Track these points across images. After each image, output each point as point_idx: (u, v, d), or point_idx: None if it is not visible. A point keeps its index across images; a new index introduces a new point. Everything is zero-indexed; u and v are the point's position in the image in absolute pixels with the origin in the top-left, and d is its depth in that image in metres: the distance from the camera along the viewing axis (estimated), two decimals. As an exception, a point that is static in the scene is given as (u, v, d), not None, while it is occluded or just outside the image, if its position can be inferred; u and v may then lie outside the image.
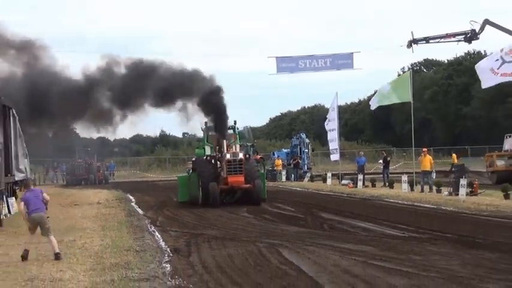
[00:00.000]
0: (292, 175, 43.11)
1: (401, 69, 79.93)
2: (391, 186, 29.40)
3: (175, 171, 54.23)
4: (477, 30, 37.23)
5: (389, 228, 15.52)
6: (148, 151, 77.81)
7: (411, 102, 28.79)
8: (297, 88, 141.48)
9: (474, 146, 60.20)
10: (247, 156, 24.36)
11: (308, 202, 24.31)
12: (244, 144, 27.86)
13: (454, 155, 45.34)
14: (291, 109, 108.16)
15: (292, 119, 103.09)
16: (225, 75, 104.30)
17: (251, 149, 28.44)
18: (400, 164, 54.27)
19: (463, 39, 38.41)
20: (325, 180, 36.13)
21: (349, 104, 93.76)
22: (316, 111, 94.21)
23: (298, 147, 45.32)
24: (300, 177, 42.40)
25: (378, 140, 76.40)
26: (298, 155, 44.49)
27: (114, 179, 55.54)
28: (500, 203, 20.10)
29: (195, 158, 26.15)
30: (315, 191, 31.84)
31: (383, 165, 33.68)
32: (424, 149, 28.01)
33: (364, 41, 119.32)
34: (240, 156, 23.35)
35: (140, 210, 23.00)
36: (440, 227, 15.05)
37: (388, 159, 34.38)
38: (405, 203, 22.87)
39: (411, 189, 26.80)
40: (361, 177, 32.09)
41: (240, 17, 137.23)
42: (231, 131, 25.66)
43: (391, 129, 78.29)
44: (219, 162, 23.95)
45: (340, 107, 42.61)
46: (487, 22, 36.62)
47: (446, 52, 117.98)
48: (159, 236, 15.07)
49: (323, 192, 30.75)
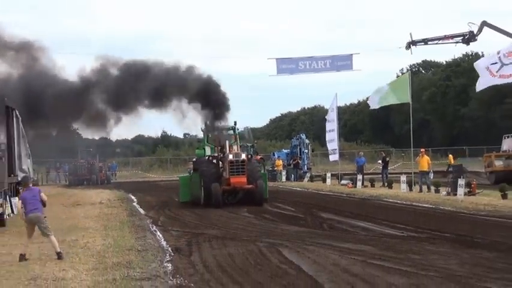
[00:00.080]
0: (292, 175, 43.11)
1: (400, 71, 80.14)
2: (390, 186, 29.39)
3: (177, 172, 54.25)
4: (475, 32, 37.22)
5: (388, 227, 15.52)
6: (149, 151, 77.81)
7: (410, 103, 28.82)
8: (296, 89, 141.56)
9: (472, 146, 60.26)
10: (250, 157, 24.24)
11: (308, 202, 24.30)
12: (244, 145, 27.88)
13: (450, 156, 45.38)
14: (291, 110, 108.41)
15: (292, 120, 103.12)
16: (226, 76, 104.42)
17: (251, 149, 28.43)
18: (399, 164, 54.25)
19: (461, 41, 38.40)
20: (324, 180, 36.14)
21: (349, 105, 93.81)
22: (316, 112, 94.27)
23: (298, 147, 45.30)
24: (299, 178, 42.39)
25: (377, 140, 76.41)
26: (298, 156, 44.47)
27: (116, 179, 55.51)
28: (498, 202, 20.09)
29: (196, 158, 26.15)
30: (315, 191, 31.83)
31: (382, 165, 33.68)
32: (422, 150, 28.00)
33: (364, 42, 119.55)
34: (243, 157, 23.16)
35: (142, 210, 23.00)
36: (439, 227, 15.05)
37: (387, 159, 34.36)
38: (404, 202, 22.86)
39: (410, 189, 26.79)
40: (360, 177, 32.10)
41: (240, 19, 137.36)
42: (231, 132, 25.65)
43: (390, 130, 78.29)
44: (221, 162, 23.78)
45: (339, 108, 42.63)
46: (484, 24, 36.62)
47: (445, 54, 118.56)
48: (161, 235, 15.07)
49: (323, 192, 30.75)
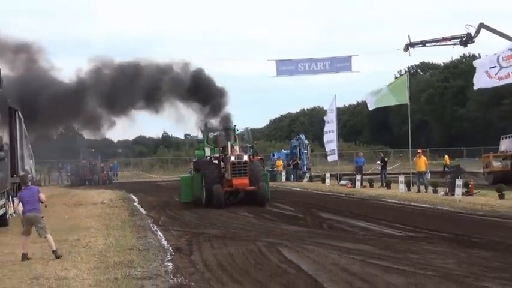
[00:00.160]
0: (292, 175, 43.10)
1: (398, 72, 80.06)
2: (389, 187, 29.38)
3: (178, 172, 54.27)
4: (473, 34, 37.15)
5: (386, 227, 15.52)
6: (151, 152, 77.81)
7: (408, 104, 28.82)
8: (296, 90, 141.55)
9: (470, 147, 60.26)
10: (251, 158, 24.08)
11: (307, 202, 24.30)
12: (244, 146, 27.84)
13: (446, 156, 45.47)
14: (291, 111, 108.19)
15: (292, 121, 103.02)
16: (226, 77, 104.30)
17: (251, 150, 28.39)
18: (397, 164, 54.23)
19: (458, 43, 38.34)
20: (324, 180, 36.13)
21: (348, 106, 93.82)
22: (315, 113, 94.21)
23: (298, 148, 45.27)
24: (299, 178, 42.37)
25: (376, 141, 76.38)
26: (298, 156, 44.46)
27: (117, 180, 55.52)
28: (495, 202, 20.10)
29: (196, 159, 26.09)
30: (314, 191, 31.82)
31: (381, 165, 33.72)
32: (419, 151, 27.99)
33: (362, 44, 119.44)
34: (245, 158, 22.99)
35: (143, 210, 22.99)
36: (437, 227, 15.05)
37: (385, 159, 34.41)
38: (402, 203, 22.86)
39: (408, 190, 26.78)
40: (359, 177, 32.11)
41: (241, 21, 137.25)
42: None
43: (389, 131, 78.24)
44: (222, 163, 23.62)
45: (338, 109, 42.63)
46: (482, 26, 36.57)
47: (442, 55, 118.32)
48: (162, 235, 15.08)
49: (322, 192, 30.74)
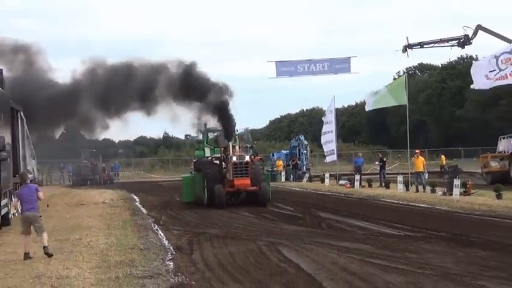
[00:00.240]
0: (291, 176, 43.11)
1: (397, 73, 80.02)
2: (387, 187, 29.36)
3: (178, 172, 54.24)
4: (470, 36, 37.18)
5: (385, 227, 15.52)
6: (151, 152, 77.82)
7: (406, 104, 28.80)
8: (295, 91, 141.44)
9: (467, 147, 60.27)
10: (253, 158, 23.89)
11: (307, 202, 24.30)
12: (244, 146, 27.81)
13: (442, 156, 45.48)
14: (290, 112, 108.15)
15: (291, 121, 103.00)
16: (227, 78, 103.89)
17: (250, 150, 28.37)
18: (396, 165, 54.24)
19: (456, 44, 38.38)
20: (323, 180, 36.12)
21: (346, 106, 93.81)
22: (315, 113, 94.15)
23: (297, 148, 45.26)
24: (298, 178, 42.36)
25: (374, 141, 76.37)
26: (297, 156, 44.45)
27: (118, 180, 55.50)
28: (493, 202, 20.08)
29: (196, 159, 26.02)
30: (314, 191, 31.82)
31: (380, 165, 33.74)
32: (417, 151, 27.99)
33: (361, 45, 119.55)
34: (247, 158, 22.79)
35: (144, 210, 22.98)
36: (435, 226, 15.05)
37: (384, 159, 34.43)
38: (401, 202, 22.87)
39: (406, 190, 26.78)
40: (358, 177, 32.10)
41: (241, 23, 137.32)
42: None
43: (387, 131, 78.22)
44: (224, 163, 23.40)
45: (337, 110, 42.61)
46: (479, 27, 36.60)
47: (440, 56, 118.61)
48: (163, 234, 15.09)
49: (321, 192, 30.73)
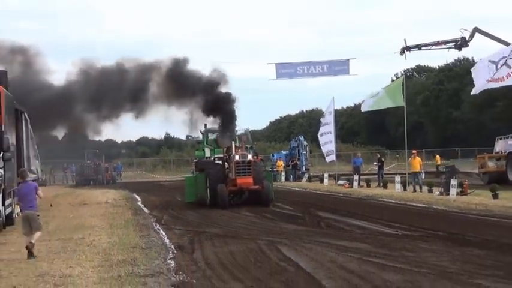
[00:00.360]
0: (291, 176, 43.11)
1: (394, 75, 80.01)
2: (385, 187, 29.34)
3: (180, 172, 54.33)
4: (467, 38, 37.25)
5: (383, 226, 15.51)
6: (153, 153, 77.90)
7: (404, 106, 28.80)
8: (295, 93, 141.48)
9: (464, 148, 60.29)
10: (255, 158, 23.73)
11: (306, 201, 24.29)
12: (244, 147, 27.75)
13: (437, 157, 45.51)
14: (290, 113, 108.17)
15: (291, 122, 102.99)
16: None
17: (250, 151, 28.32)
18: (394, 165, 54.18)
19: (453, 47, 38.45)
20: (322, 180, 36.11)
21: (345, 108, 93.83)
22: (314, 115, 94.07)
23: (297, 149, 45.26)
24: (298, 178, 42.36)
25: (373, 142, 76.35)
26: (297, 157, 44.45)
27: (121, 180, 55.53)
28: (489, 202, 20.06)
29: (197, 159, 25.97)
30: (313, 191, 31.82)
31: (378, 165, 33.75)
32: (414, 151, 27.96)
33: (360, 47, 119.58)
34: (249, 157, 22.55)
35: (146, 209, 22.97)
36: (432, 225, 15.04)
37: (382, 160, 34.44)
38: (398, 202, 22.86)
39: (404, 189, 26.74)
40: (356, 177, 32.10)
41: (242, 25, 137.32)
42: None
43: (385, 132, 78.22)
44: (226, 163, 23.22)
45: (336, 111, 42.68)
46: (476, 30, 36.63)
47: (438, 59, 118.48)
48: (164, 233, 15.07)
49: (320, 192, 30.73)
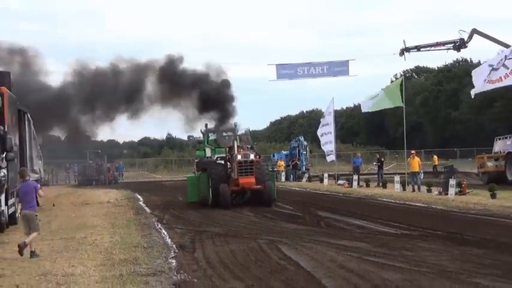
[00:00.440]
0: (291, 176, 43.12)
1: (394, 76, 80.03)
2: (385, 186, 29.33)
3: (181, 172, 54.32)
4: (465, 39, 37.25)
5: (382, 225, 15.50)
6: (155, 153, 77.92)
7: (403, 106, 28.81)
8: (295, 93, 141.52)
9: (462, 148, 60.28)
10: (258, 157, 23.55)
11: (306, 201, 24.28)
12: (245, 147, 27.76)
13: (435, 157, 45.50)
14: (290, 113, 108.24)
15: (291, 123, 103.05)
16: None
17: (251, 151, 28.29)
18: (393, 165, 54.16)
19: (452, 48, 38.45)
20: (322, 180, 36.12)
21: (345, 108, 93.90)
22: (314, 115, 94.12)
23: (297, 149, 45.29)
24: (298, 178, 42.38)
25: (372, 142, 76.38)
26: (297, 157, 44.47)
27: (123, 180, 55.53)
28: (488, 202, 20.05)
29: (199, 159, 25.96)
30: (313, 191, 31.81)
31: (378, 165, 33.76)
32: (413, 152, 27.95)
33: (360, 48, 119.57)
34: (251, 157, 22.29)
35: (148, 209, 22.96)
36: (431, 225, 15.02)
37: (382, 160, 34.45)
38: (398, 202, 22.85)
39: (403, 189, 26.75)
40: (356, 177, 32.09)
41: (242, 27, 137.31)
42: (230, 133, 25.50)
43: (385, 133, 78.25)
44: (229, 163, 22.97)
45: (336, 111, 42.72)
46: (475, 31, 36.64)
47: (436, 60, 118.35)
48: (166, 233, 15.06)
49: (320, 192, 30.73)
